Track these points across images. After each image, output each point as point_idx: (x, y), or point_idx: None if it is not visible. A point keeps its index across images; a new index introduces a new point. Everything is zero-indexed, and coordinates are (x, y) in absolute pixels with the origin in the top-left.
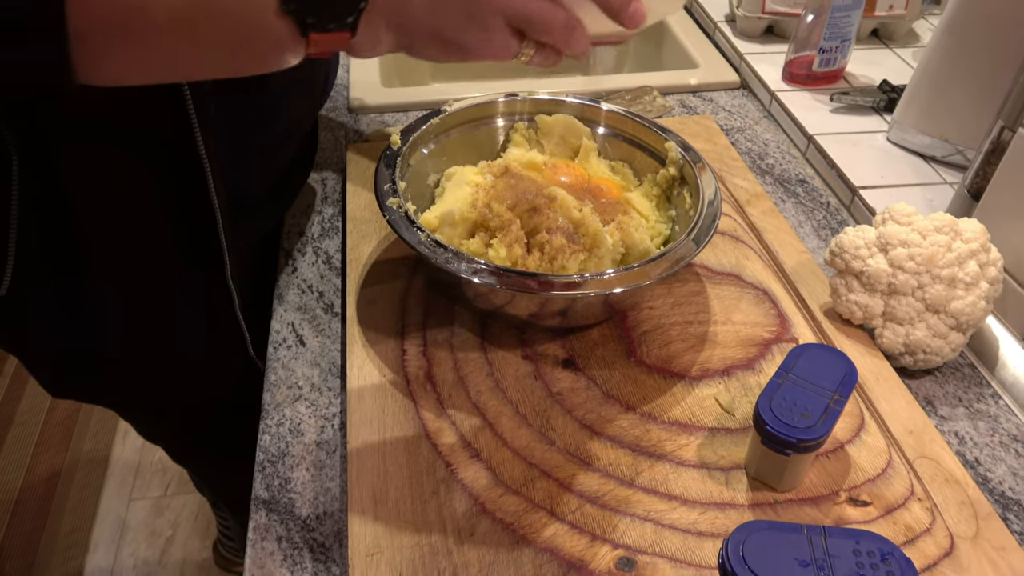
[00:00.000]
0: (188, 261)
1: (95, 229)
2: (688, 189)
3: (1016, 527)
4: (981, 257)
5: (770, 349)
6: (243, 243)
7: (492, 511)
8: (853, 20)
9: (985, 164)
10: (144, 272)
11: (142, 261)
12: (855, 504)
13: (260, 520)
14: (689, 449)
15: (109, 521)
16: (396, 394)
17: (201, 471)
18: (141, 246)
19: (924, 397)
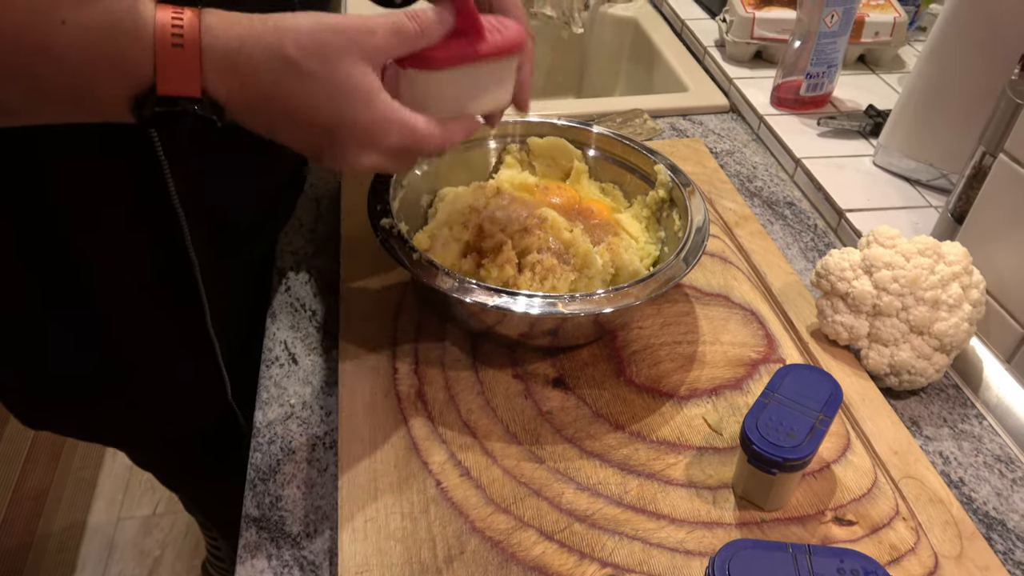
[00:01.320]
0: (167, 307)
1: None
2: (677, 211)
3: (1000, 547)
4: (964, 279)
5: (757, 369)
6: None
7: (482, 529)
8: (840, 46)
9: (968, 188)
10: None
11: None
12: (841, 523)
13: (250, 538)
14: (677, 468)
15: (97, 540)
16: (387, 412)
17: (191, 495)
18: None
19: (909, 417)
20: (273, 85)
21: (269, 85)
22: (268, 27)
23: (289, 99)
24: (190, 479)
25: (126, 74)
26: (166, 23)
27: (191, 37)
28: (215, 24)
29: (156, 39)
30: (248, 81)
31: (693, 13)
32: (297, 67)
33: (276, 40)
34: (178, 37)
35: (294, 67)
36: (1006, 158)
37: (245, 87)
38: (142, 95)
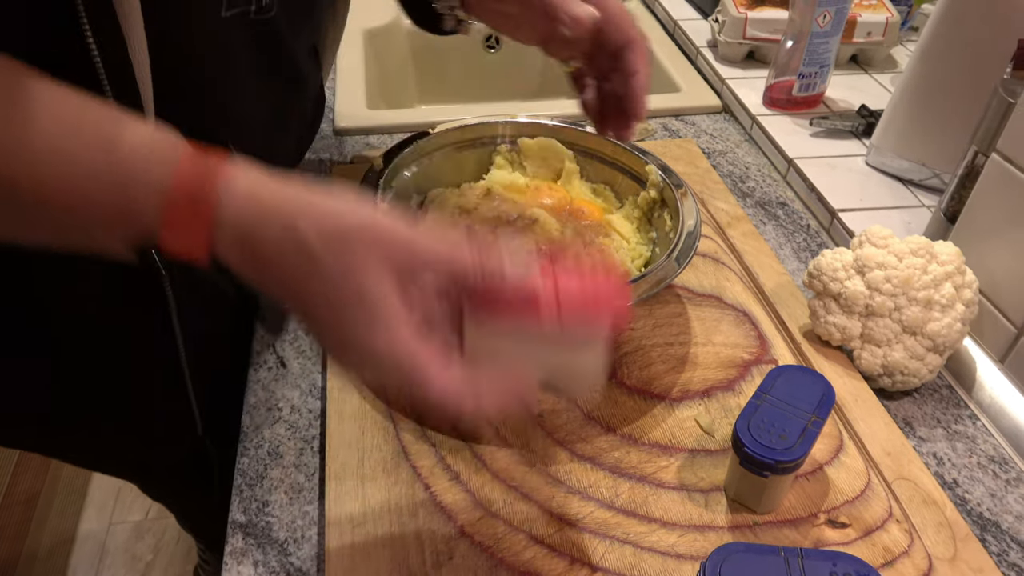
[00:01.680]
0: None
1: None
2: (669, 211)
3: (994, 548)
4: (956, 279)
5: (750, 370)
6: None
7: (471, 534)
8: (832, 46)
9: (960, 188)
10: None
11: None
12: (834, 526)
13: (237, 544)
14: (669, 471)
15: (88, 545)
16: (376, 416)
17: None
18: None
19: (902, 418)
20: (282, 267)
21: (278, 266)
22: (287, 200)
23: (297, 285)
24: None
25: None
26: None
27: (206, 205)
28: (237, 192)
29: (167, 197)
30: (259, 257)
31: (685, 13)
32: (309, 254)
33: (291, 219)
34: (192, 203)
35: (306, 254)
36: (998, 157)
37: (254, 261)
38: (144, 241)
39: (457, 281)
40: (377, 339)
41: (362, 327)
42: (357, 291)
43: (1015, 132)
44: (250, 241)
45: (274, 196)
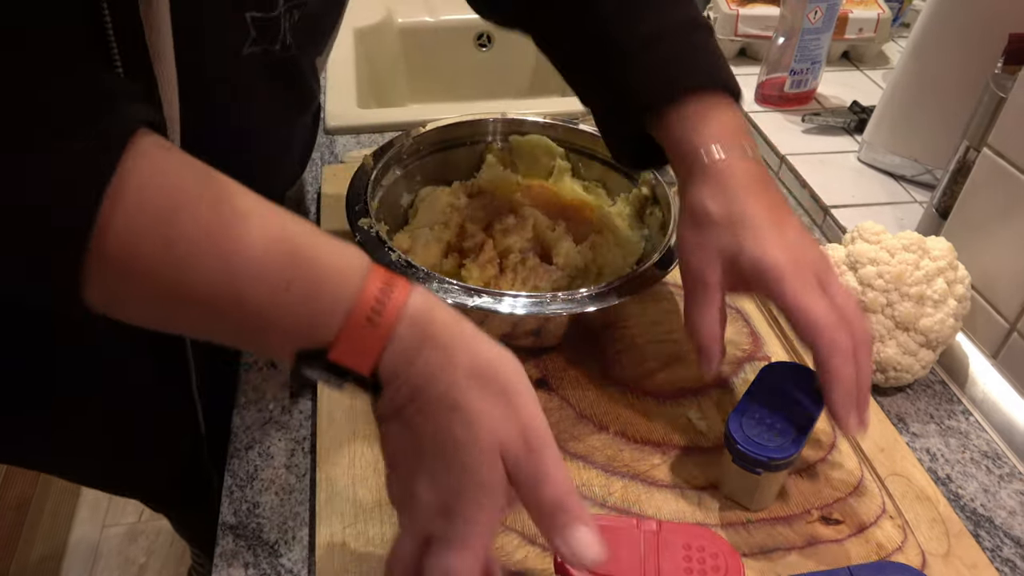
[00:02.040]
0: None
1: None
2: (661, 208)
3: (987, 544)
4: (949, 275)
5: (743, 367)
6: None
7: None
8: (823, 43)
9: (952, 183)
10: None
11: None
12: (827, 523)
13: (227, 546)
14: (662, 469)
15: (81, 549)
16: (367, 415)
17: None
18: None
19: (895, 414)
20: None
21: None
22: (456, 335)
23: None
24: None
25: (305, 334)
26: (371, 295)
27: (389, 319)
28: (416, 312)
29: (353, 310)
30: (411, 379)
31: None
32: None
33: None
34: (376, 315)
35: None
36: (990, 152)
37: (408, 383)
38: (311, 352)
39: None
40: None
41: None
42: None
43: (1006, 127)
44: (412, 363)
45: (442, 325)
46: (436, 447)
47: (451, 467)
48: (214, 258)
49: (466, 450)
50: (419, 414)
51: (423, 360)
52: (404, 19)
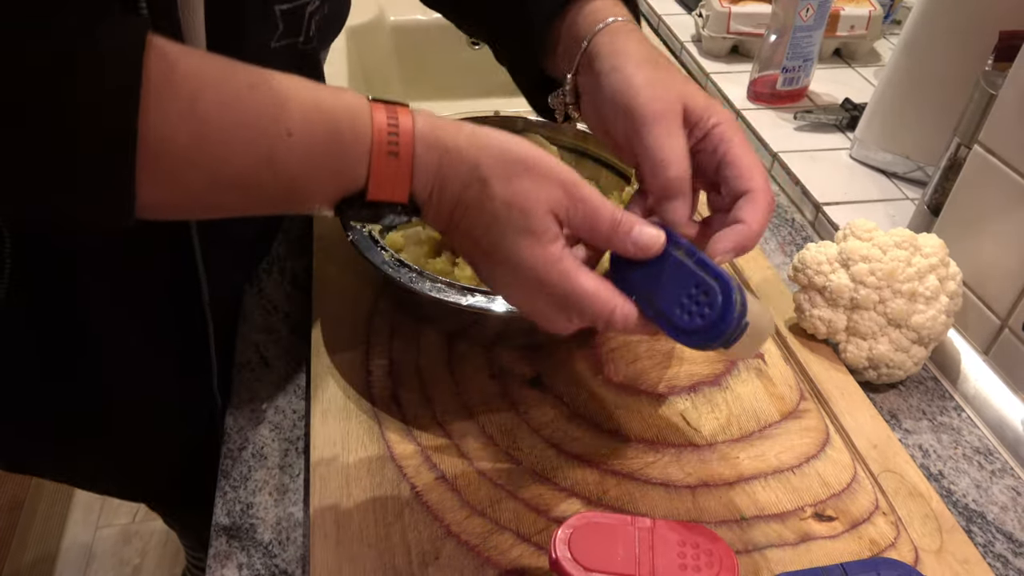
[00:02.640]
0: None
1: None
2: None
3: (979, 539)
4: (940, 271)
5: (736, 365)
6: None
7: (457, 533)
8: (815, 40)
9: (943, 180)
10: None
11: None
12: (820, 519)
13: (220, 547)
14: (656, 467)
15: (75, 550)
16: (361, 415)
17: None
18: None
19: (888, 411)
20: (460, 197)
21: (457, 196)
22: (470, 143)
23: (466, 215)
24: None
25: (341, 181)
26: (382, 130)
27: (406, 145)
28: (426, 133)
29: (373, 148)
30: (445, 192)
31: (669, 8)
32: (485, 189)
33: (474, 159)
34: (393, 146)
35: (483, 188)
36: (980, 149)
37: (441, 196)
38: (350, 198)
39: (593, 223)
40: (535, 252)
41: (521, 239)
42: (522, 211)
43: (997, 124)
44: (441, 175)
45: (454, 136)
46: (496, 240)
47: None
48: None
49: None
50: (468, 218)
51: (450, 172)
52: (396, 17)
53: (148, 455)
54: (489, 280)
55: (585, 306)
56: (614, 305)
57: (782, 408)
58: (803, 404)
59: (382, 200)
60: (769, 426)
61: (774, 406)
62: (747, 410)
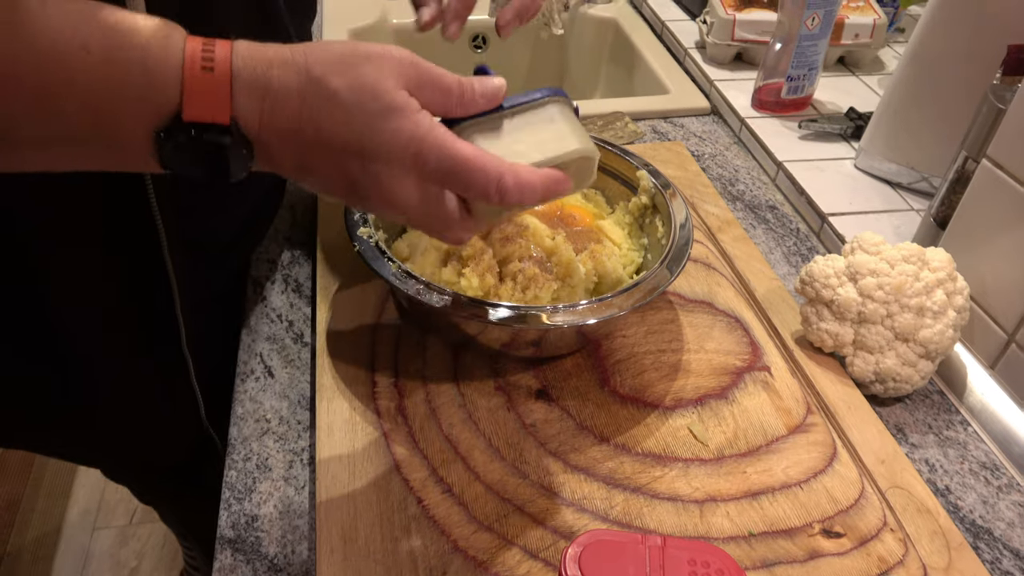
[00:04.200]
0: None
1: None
2: (660, 217)
3: (987, 556)
4: (948, 286)
5: (742, 377)
6: (204, 303)
7: (464, 549)
8: (820, 48)
9: (950, 193)
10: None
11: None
12: (828, 536)
13: (225, 560)
14: (663, 481)
15: (72, 551)
16: (367, 427)
17: (167, 509)
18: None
19: (895, 425)
20: (302, 107)
21: (298, 107)
22: (297, 52)
23: (318, 122)
24: (165, 496)
25: (151, 102)
26: (196, 49)
27: (222, 60)
28: (245, 49)
29: (185, 64)
30: (278, 105)
31: (673, 14)
32: (324, 85)
33: (304, 62)
34: (208, 61)
35: (321, 86)
36: (989, 163)
37: (275, 112)
38: (166, 127)
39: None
40: (410, 125)
41: (394, 121)
42: (378, 100)
43: (1005, 138)
44: (269, 90)
45: (277, 52)
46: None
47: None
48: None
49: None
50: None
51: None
52: (399, 20)
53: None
54: (366, 194)
55: (472, 177)
56: (502, 168)
57: (789, 422)
58: (810, 418)
59: (201, 121)
60: (776, 440)
61: (781, 420)
62: (754, 424)
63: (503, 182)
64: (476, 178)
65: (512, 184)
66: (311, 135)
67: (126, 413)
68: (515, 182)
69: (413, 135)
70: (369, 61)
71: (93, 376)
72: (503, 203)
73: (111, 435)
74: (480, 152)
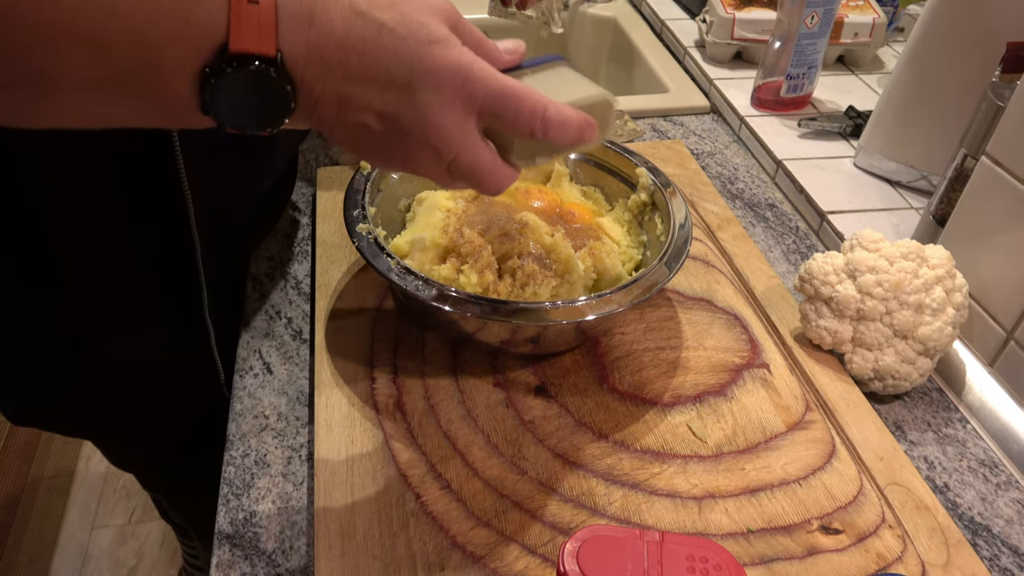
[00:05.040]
0: (166, 295)
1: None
2: (659, 215)
3: (985, 553)
4: (947, 283)
5: (741, 375)
6: (222, 276)
7: (462, 544)
8: (819, 47)
9: (949, 191)
10: (121, 305)
11: (119, 294)
12: (827, 532)
13: (223, 556)
14: (662, 478)
15: (71, 549)
16: (365, 424)
17: (172, 497)
18: (117, 277)
19: (893, 422)
20: (348, 36)
21: (344, 37)
22: None
23: (365, 51)
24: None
25: (196, 34)
26: None
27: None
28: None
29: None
30: (324, 35)
31: (673, 13)
32: (370, 16)
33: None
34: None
35: (367, 17)
36: (988, 161)
37: (321, 42)
38: (211, 64)
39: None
40: (456, 55)
41: (440, 50)
42: (423, 31)
43: (1005, 135)
44: (314, 20)
45: None
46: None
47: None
48: None
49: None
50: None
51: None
52: None
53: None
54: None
55: (521, 104)
56: (545, 101)
57: (788, 419)
58: (809, 415)
59: (247, 51)
60: (775, 437)
61: (780, 417)
62: (753, 421)
63: (548, 114)
64: (524, 105)
65: (555, 116)
66: (356, 66)
67: (146, 383)
68: (557, 115)
69: (460, 63)
70: (413, 2)
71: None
72: (545, 135)
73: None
74: (524, 85)
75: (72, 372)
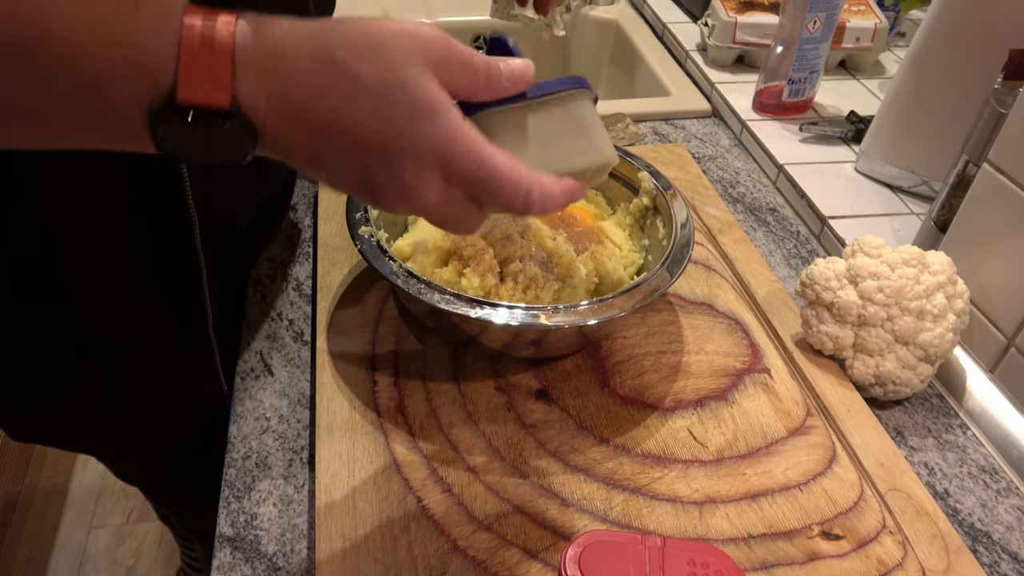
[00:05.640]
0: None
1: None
2: (661, 219)
3: (986, 559)
4: (948, 289)
5: (742, 379)
6: (226, 285)
7: (464, 548)
8: (821, 52)
9: (951, 197)
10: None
11: (122, 306)
12: (828, 538)
13: (224, 559)
14: (663, 482)
15: (68, 550)
16: (366, 426)
17: (175, 506)
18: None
19: (894, 428)
20: (319, 92)
21: (314, 92)
22: (314, 28)
23: (337, 109)
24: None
25: (142, 74)
26: (196, 19)
27: (223, 36)
28: (251, 24)
29: (183, 35)
30: (290, 88)
31: (675, 16)
32: (345, 70)
33: (323, 42)
34: (208, 36)
35: (342, 70)
36: (990, 167)
37: (286, 95)
38: (159, 107)
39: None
40: (442, 127)
41: (423, 120)
42: (406, 93)
43: (1006, 142)
44: (277, 72)
45: (290, 28)
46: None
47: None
48: None
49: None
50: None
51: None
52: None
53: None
54: (384, 192)
55: (502, 188)
56: (531, 182)
57: (789, 424)
58: (810, 420)
59: (198, 103)
60: (776, 442)
61: (781, 422)
62: (754, 426)
63: (531, 196)
64: (505, 190)
65: (538, 197)
66: (329, 124)
67: (150, 396)
68: (540, 196)
69: (444, 137)
70: (398, 42)
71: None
72: (524, 214)
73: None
74: (512, 163)
75: (74, 383)
